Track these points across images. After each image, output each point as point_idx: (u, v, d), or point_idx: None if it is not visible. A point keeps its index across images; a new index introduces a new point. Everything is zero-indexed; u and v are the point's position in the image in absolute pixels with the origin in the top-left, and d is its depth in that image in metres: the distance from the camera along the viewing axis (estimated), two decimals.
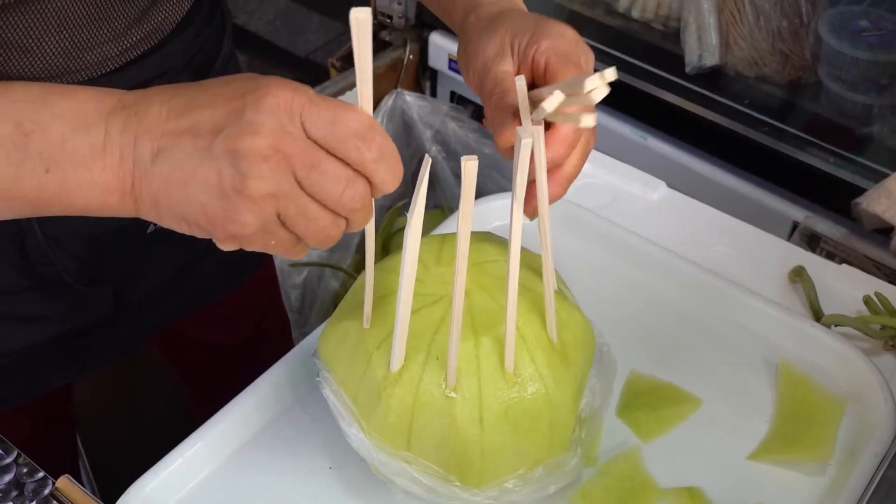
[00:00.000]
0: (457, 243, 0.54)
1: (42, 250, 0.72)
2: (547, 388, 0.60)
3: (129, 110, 0.49)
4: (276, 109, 0.47)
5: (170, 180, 0.48)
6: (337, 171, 0.48)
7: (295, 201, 0.49)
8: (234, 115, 0.48)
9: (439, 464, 0.59)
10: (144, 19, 0.68)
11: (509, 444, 0.59)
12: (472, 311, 0.60)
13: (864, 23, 1.28)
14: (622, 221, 0.88)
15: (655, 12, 1.44)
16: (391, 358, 0.58)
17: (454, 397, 0.58)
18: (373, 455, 0.61)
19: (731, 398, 0.75)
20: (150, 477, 0.66)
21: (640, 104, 1.34)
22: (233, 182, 0.47)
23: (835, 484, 0.69)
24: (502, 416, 0.59)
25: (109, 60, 0.67)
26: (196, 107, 0.49)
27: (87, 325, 0.82)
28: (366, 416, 0.60)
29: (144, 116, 0.49)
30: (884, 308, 0.80)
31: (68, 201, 0.50)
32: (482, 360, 0.59)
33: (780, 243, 0.91)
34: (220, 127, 0.48)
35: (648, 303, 0.83)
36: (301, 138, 0.48)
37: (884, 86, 1.26)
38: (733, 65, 1.34)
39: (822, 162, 1.22)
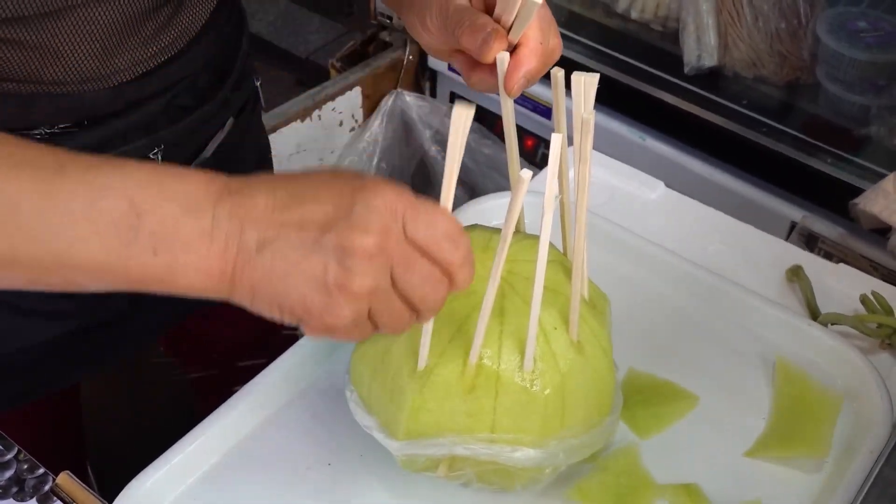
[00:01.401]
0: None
1: None
2: (605, 352, 0.63)
3: (236, 197, 0.50)
4: (383, 210, 0.49)
5: (273, 270, 0.50)
6: (429, 274, 0.51)
7: (387, 299, 0.51)
8: (343, 212, 0.49)
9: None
10: (171, 25, 0.69)
11: (581, 405, 0.61)
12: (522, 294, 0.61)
13: (862, 24, 1.28)
14: (620, 220, 0.88)
15: (654, 13, 1.44)
16: (472, 349, 0.58)
17: (536, 371, 0.59)
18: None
19: (728, 395, 0.76)
20: (151, 472, 0.67)
21: (639, 105, 1.35)
22: (337, 277, 0.49)
23: (831, 481, 0.69)
24: (574, 380, 0.60)
25: (139, 65, 0.68)
26: (303, 200, 0.50)
27: (104, 321, 0.83)
28: (434, 409, 0.60)
29: (251, 205, 0.50)
30: (880, 307, 0.80)
31: (172, 281, 0.51)
32: (550, 334, 0.60)
33: (777, 242, 0.92)
34: (331, 222, 0.49)
35: (646, 301, 0.83)
36: (402, 239, 0.50)
37: (881, 86, 1.27)
38: (732, 66, 1.35)
39: (819, 162, 1.22)
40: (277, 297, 0.50)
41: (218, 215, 0.50)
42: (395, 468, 0.67)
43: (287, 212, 0.50)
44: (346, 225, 0.49)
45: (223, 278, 0.51)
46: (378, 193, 0.50)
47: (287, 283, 0.50)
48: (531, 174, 0.52)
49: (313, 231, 0.49)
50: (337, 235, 0.49)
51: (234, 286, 0.51)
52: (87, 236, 0.49)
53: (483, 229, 0.66)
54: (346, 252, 0.49)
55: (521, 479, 0.63)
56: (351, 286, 0.49)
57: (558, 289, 0.61)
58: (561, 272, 0.63)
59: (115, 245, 0.49)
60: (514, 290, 0.61)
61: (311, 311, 0.50)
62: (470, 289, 0.60)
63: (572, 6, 1.52)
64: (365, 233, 0.49)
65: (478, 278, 0.60)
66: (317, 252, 0.49)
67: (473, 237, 0.64)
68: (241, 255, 0.50)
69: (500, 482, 0.64)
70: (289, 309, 0.51)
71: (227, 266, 0.50)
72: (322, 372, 0.76)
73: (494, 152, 1.44)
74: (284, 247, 0.49)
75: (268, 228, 0.50)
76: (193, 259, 0.50)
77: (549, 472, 0.63)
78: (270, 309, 0.51)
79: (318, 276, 0.49)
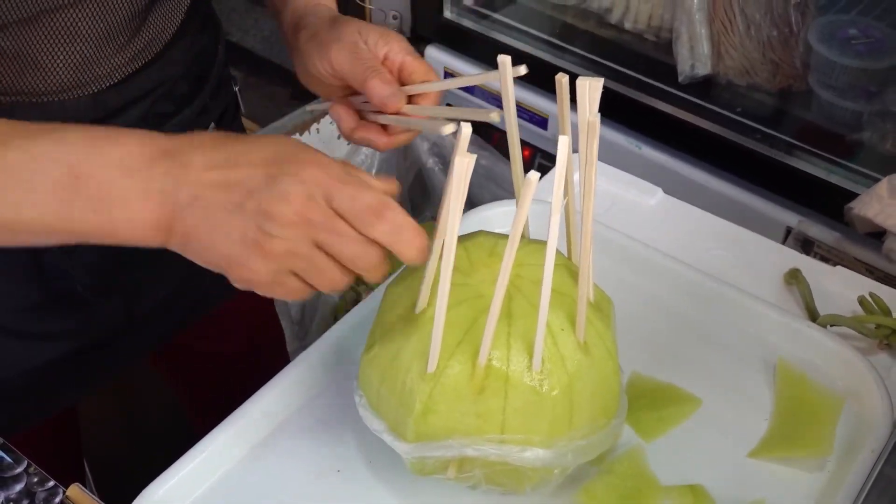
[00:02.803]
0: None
1: (58, 263, 0.74)
2: (610, 353, 0.64)
3: (174, 158, 0.55)
4: (308, 182, 0.53)
5: (200, 225, 0.54)
6: (354, 238, 0.55)
7: (308, 260, 0.55)
8: (269, 180, 0.53)
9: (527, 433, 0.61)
10: (142, 30, 0.70)
11: (587, 405, 0.62)
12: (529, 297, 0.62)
13: (853, 31, 1.30)
14: (620, 227, 0.89)
15: (647, 23, 1.46)
16: (481, 350, 0.59)
17: (544, 371, 0.60)
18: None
19: (730, 397, 0.77)
20: (160, 483, 0.67)
21: (634, 113, 1.36)
22: (255, 237, 0.53)
23: (833, 480, 0.70)
24: (582, 381, 0.61)
25: (116, 71, 0.69)
26: (236, 164, 0.54)
27: (98, 340, 0.84)
28: (442, 413, 0.61)
29: (187, 164, 0.54)
30: (878, 308, 0.81)
31: (111, 236, 0.55)
32: (557, 336, 0.61)
33: (775, 247, 0.93)
34: (254, 187, 0.53)
35: (648, 306, 0.84)
36: (324, 208, 0.54)
37: (873, 93, 1.28)
38: (725, 74, 1.36)
39: (814, 168, 1.24)
40: (203, 249, 0.55)
41: (153, 174, 0.54)
42: (403, 474, 0.68)
43: (218, 172, 0.54)
44: (268, 194, 0.53)
45: (159, 230, 0.55)
46: (306, 166, 0.54)
47: (212, 238, 0.54)
48: (539, 175, 0.53)
49: (238, 193, 0.53)
50: (259, 201, 0.53)
51: (169, 236, 0.55)
52: (32, 202, 0.53)
53: (488, 234, 0.67)
54: (265, 217, 0.53)
55: (531, 480, 0.64)
56: (265, 247, 0.53)
57: (565, 291, 0.62)
58: (567, 275, 0.64)
59: (56, 208, 0.53)
60: (521, 293, 0.62)
61: (231, 264, 0.55)
62: (478, 292, 0.61)
63: (566, 17, 1.54)
64: (285, 202, 0.53)
65: (485, 282, 0.61)
66: (239, 214, 0.53)
67: (479, 242, 0.65)
68: (175, 210, 0.54)
69: (510, 484, 0.64)
70: (214, 261, 0.55)
71: (163, 219, 0.54)
72: (330, 380, 0.76)
73: (491, 163, 1.45)
74: (212, 205, 0.54)
75: (198, 187, 0.54)
76: (130, 215, 0.54)
77: (557, 473, 0.63)
78: (199, 258, 0.56)
79: (237, 235, 0.53)
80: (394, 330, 0.63)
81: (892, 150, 1.23)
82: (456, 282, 0.61)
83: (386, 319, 0.64)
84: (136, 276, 0.82)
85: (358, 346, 0.68)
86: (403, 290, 0.64)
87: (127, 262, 0.79)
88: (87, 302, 0.78)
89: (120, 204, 0.54)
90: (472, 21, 1.54)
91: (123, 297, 0.83)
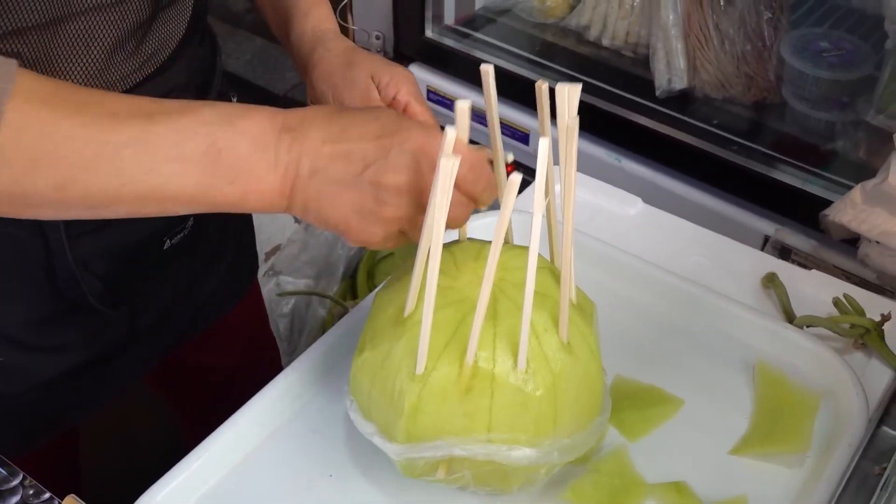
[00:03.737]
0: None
1: (71, 272, 0.76)
2: (593, 353, 0.66)
3: (294, 132, 0.60)
4: (416, 151, 0.60)
5: (321, 194, 0.60)
6: (456, 200, 0.61)
7: (416, 221, 0.61)
8: (381, 152, 0.59)
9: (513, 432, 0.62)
10: (147, 39, 0.73)
11: (572, 404, 0.64)
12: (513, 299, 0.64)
13: (825, 44, 1.34)
14: (602, 236, 0.92)
15: (625, 40, 1.49)
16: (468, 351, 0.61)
17: (528, 371, 0.62)
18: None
19: (711, 398, 0.79)
20: (156, 491, 0.68)
21: (614, 127, 1.39)
22: (372, 206, 0.60)
23: (813, 474, 0.72)
24: (566, 380, 0.63)
25: (125, 79, 0.72)
26: (349, 138, 0.60)
27: (103, 353, 0.86)
28: (431, 414, 0.62)
29: (307, 138, 0.60)
30: (852, 308, 0.84)
31: (243, 203, 0.60)
32: (541, 336, 0.63)
33: (752, 252, 0.95)
34: (370, 160, 0.59)
35: (630, 311, 0.86)
36: (429, 174, 0.59)
37: (845, 103, 1.31)
38: (701, 87, 1.39)
39: (790, 177, 1.27)
40: (323, 214, 0.61)
41: (279, 147, 0.59)
42: (394, 477, 0.70)
43: (336, 145, 0.60)
44: (382, 165, 0.59)
45: (283, 198, 0.60)
46: (411, 137, 0.60)
47: (332, 205, 0.60)
48: (521, 176, 0.55)
49: (355, 165, 0.59)
50: (375, 172, 0.59)
51: (291, 203, 0.61)
52: (179, 172, 0.57)
53: (473, 240, 0.69)
54: (380, 187, 0.59)
55: (518, 479, 0.65)
56: (382, 214, 0.60)
57: (548, 293, 0.64)
58: (550, 278, 0.66)
59: (200, 178, 0.58)
60: (506, 295, 0.64)
61: (350, 228, 0.61)
62: (463, 295, 0.63)
63: (546, 35, 1.57)
64: (397, 172, 0.59)
65: (471, 285, 0.63)
66: (357, 185, 0.59)
67: (464, 247, 0.67)
68: (297, 180, 0.60)
69: (498, 484, 0.66)
70: (333, 225, 0.61)
71: (286, 188, 0.60)
72: (321, 388, 0.78)
73: None
74: (331, 176, 0.60)
75: (318, 159, 0.60)
76: (261, 186, 0.59)
77: (544, 472, 0.65)
78: (317, 222, 0.62)
79: (356, 202, 0.60)
80: (383, 333, 0.64)
81: (864, 158, 1.26)
82: (443, 285, 0.63)
83: (376, 324, 0.66)
84: (142, 285, 0.85)
85: (347, 354, 0.70)
86: (393, 295, 0.66)
87: (135, 272, 0.82)
88: (95, 312, 0.80)
89: (253, 175, 0.59)
90: (453, 40, 1.57)
91: (129, 307, 0.85)
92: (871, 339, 0.82)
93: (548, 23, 1.58)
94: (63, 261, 0.75)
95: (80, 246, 0.76)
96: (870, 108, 1.25)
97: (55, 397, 0.85)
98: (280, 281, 1.49)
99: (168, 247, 0.83)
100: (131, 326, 0.87)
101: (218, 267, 0.97)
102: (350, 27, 1.64)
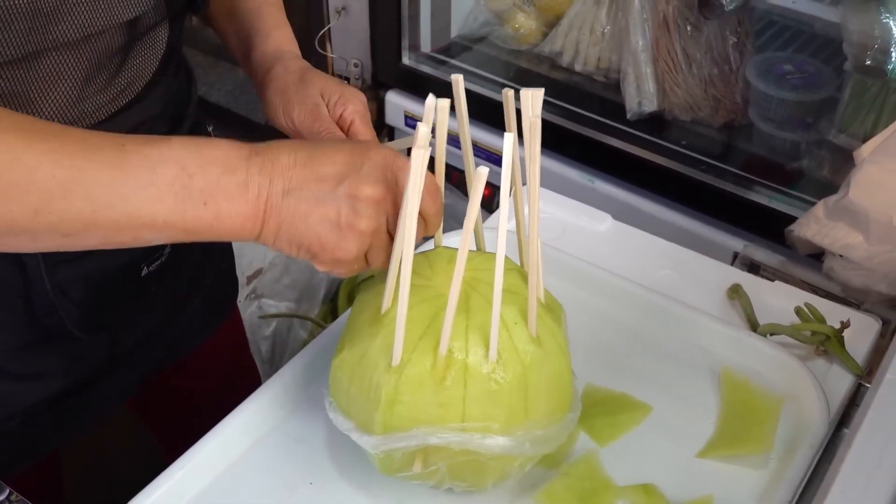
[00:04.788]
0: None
1: (49, 300, 0.77)
2: (562, 349, 0.69)
3: (263, 156, 0.62)
4: (384, 168, 0.63)
5: (296, 213, 0.61)
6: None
7: (381, 237, 0.64)
8: (353, 168, 0.62)
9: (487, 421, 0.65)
10: (122, 72, 0.75)
11: (542, 397, 0.67)
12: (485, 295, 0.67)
13: (788, 67, 1.38)
14: (573, 252, 0.95)
15: (596, 65, 1.54)
16: (441, 343, 0.64)
17: (500, 361, 0.65)
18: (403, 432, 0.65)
19: (679, 403, 0.81)
20: (140, 500, 0.70)
21: (586, 149, 1.42)
22: (348, 219, 0.61)
23: (776, 475, 0.75)
24: (536, 372, 0.66)
25: (100, 110, 0.74)
26: (319, 160, 0.62)
27: (83, 380, 0.87)
28: (407, 403, 0.65)
29: (276, 162, 0.62)
30: (813, 316, 0.87)
31: (217, 227, 0.61)
32: (511, 329, 0.66)
33: (718, 265, 0.99)
34: (343, 177, 0.62)
35: (600, 322, 0.89)
36: (395, 188, 0.63)
37: (809, 123, 1.36)
38: (671, 110, 1.43)
39: (757, 195, 1.31)
40: (297, 235, 0.62)
41: (251, 171, 0.61)
42: (373, 481, 0.72)
43: (307, 168, 0.62)
44: (356, 179, 0.62)
45: (256, 221, 0.61)
46: (379, 153, 0.63)
47: (307, 224, 0.62)
48: (487, 170, 0.59)
49: (329, 183, 0.62)
50: (349, 186, 0.62)
51: (262, 227, 0.62)
52: (152, 198, 0.59)
53: (447, 248, 0.72)
54: (356, 199, 0.61)
55: (493, 473, 0.68)
56: (359, 225, 0.62)
57: (517, 291, 0.67)
58: (519, 278, 0.69)
59: (173, 203, 0.59)
60: (478, 291, 0.67)
61: (325, 246, 0.62)
62: (437, 292, 0.66)
63: (520, 62, 1.62)
64: (372, 184, 0.62)
65: (445, 283, 0.66)
66: (332, 200, 0.61)
67: (439, 252, 0.71)
68: (270, 201, 0.61)
69: (473, 478, 0.68)
70: (306, 245, 0.62)
71: (259, 211, 0.61)
72: (301, 399, 0.80)
73: (453, 201, 1.50)
74: (306, 195, 0.61)
75: (291, 180, 0.61)
76: (234, 206, 0.61)
77: (518, 465, 0.68)
78: (290, 246, 0.63)
79: (332, 218, 0.62)
80: (361, 333, 0.67)
81: (828, 176, 1.30)
82: (418, 283, 0.66)
83: (353, 325, 0.69)
84: (120, 312, 0.86)
85: (327, 367, 0.72)
86: (370, 297, 0.69)
87: (113, 298, 0.83)
88: (74, 338, 0.81)
89: (225, 197, 0.60)
90: (430, 67, 1.61)
91: (108, 334, 0.86)
92: (832, 345, 0.85)
93: (522, 49, 1.62)
94: (41, 288, 0.76)
95: (57, 273, 0.76)
96: (832, 127, 1.30)
97: (36, 424, 0.86)
98: (262, 304, 1.51)
99: (146, 273, 0.84)
100: (111, 353, 0.88)
101: (196, 294, 0.98)
102: (329, 55, 1.68)
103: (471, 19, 1.66)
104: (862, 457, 0.67)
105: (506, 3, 1.61)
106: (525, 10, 1.61)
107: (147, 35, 0.76)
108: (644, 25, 1.41)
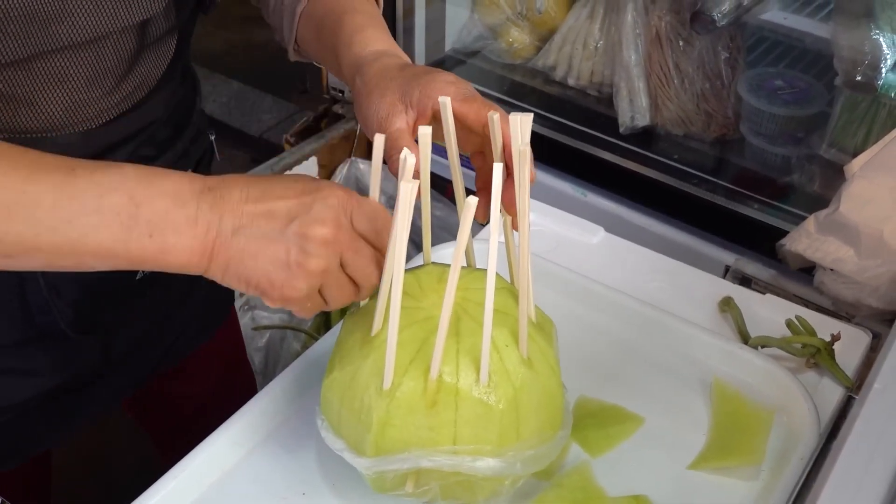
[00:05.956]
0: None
1: (43, 298, 0.78)
2: (553, 369, 0.69)
3: (215, 192, 0.61)
4: (336, 207, 0.61)
5: (244, 251, 0.61)
6: (371, 256, 0.63)
7: (336, 277, 0.62)
8: (304, 207, 0.61)
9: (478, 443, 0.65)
10: (129, 77, 0.75)
11: (533, 417, 0.67)
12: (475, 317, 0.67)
13: (779, 82, 1.39)
14: (565, 264, 0.95)
15: (589, 80, 1.55)
16: (432, 367, 0.64)
17: (491, 384, 0.65)
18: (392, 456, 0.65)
19: (671, 415, 0.82)
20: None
21: (579, 163, 1.43)
22: (297, 258, 0.60)
23: (767, 487, 0.75)
24: (527, 394, 0.66)
25: (103, 114, 0.74)
26: (270, 197, 0.61)
27: (76, 379, 0.87)
28: (400, 427, 0.65)
29: (228, 198, 0.61)
30: (804, 329, 0.88)
31: (162, 260, 0.60)
32: (502, 351, 0.66)
33: (710, 278, 0.99)
34: (294, 215, 0.61)
35: (592, 334, 0.90)
36: (350, 230, 0.62)
37: (800, 138, 1.37)
38: (663, 124, 1.44)
39: (749, 209, 1.32)
40: (246, 272, 0.61)
41: (201, 206, 0.60)
42: (365, 494, 0.72)
43: (258, 205, 0.61)
44: (307, 218, 0.60)
45: (203, 256, 0.61)
46: (332, 194, 0.62)
47: (256, 261, 0.61)
48: (476, 200, 0.59)
49: (279, 221, 0.61)
50: (299, 225, 0.60)
51: (210, 263, 0.61)
52: (97, 225, 0.58)
53: (436, 265, 0.72)
54: (306, 239, 0.60)
55: (484, 491, 0.68)
56: (308, 265, 0.60)
57: (508, 311, 0.67)
58: (510, 298, 0.69)
59: (118, 231, 0.59)
60: (468, 313, 0.67)
61: (274, 284, 0.61)
62: (427, 314, 0.66)
63: (514, 76, 1.63)
64: (322, 224, 0.60)
65: (435, 305, 0.66)
66: (281, 238, 0.60)
67: (428, 270, 0.71)
68: (219, 238, 0.60)
69: (465, 496, 0.69)
70: (255, 283, 0.61)
71: (207, 247, 0.60)
72: (293, 410, 0.80)
73: (445, 214, 1.51)
74: (255, 233, 0.61)
75: (242, 217, 0.61)
76: (181, 240, 0.60)
77: (509, 483, 0.68)
78: (238, 282, 0.62)
79: (281, 257, 0.60)
80: (351, 354, 0.67)
81: (819, 190, 1.31)
82: (408, 305, 0.66)
83: (343, 346, 0.69)
84: (114, 314, 0.86)
85: (319, 378, 0.72)
86: (360, 318, 0.69)
87: (107, 300, 0.83)
88: (67, 338, 0.82)
89: (172, 229, 0.59)
90: None
91: (102, 335, 0.86)
92: (823, 357, 0.86)
93: (515, 64, 1.63)
94: (35, 286, 0.77)
95: (50, 273, 0.77)
96: (823, 142, 1.31)
97: (26, 421, 0.86)
98: (255, 315, 1.51)
99: (141, 277, 0.84)
100: (105, 355, 0.88)
101: (192, 300, 0.98)
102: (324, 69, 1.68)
103: (465, 33, 1.67)
104: (850, 466, 0.67)
105: (500, 18, 1.62)
106: (519, 25, 1.62)
107: (157, 42, 0.77)
108: (637, 40, 1.42)
